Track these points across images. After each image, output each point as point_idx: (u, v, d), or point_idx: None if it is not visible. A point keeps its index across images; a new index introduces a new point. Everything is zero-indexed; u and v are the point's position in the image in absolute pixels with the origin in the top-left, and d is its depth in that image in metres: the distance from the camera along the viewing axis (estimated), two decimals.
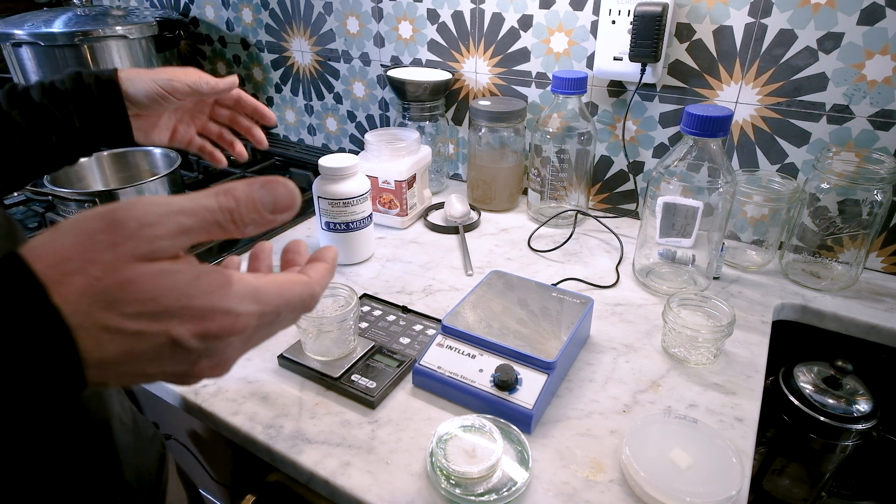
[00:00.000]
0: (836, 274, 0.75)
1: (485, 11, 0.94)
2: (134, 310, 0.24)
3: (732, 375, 0.60)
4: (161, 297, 0.25)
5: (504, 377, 0.53)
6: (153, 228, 0.25)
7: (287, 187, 0.28)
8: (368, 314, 0.68)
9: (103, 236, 0.24)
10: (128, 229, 0.24)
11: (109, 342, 0.24)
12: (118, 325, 0.24)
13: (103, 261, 0.24)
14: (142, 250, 0.24)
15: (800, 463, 0.68)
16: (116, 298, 0.24)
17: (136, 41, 1.14)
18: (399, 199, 0.89)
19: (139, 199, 0.25)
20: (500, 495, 0.46)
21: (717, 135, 0.64)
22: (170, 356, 0.26)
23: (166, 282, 0.25)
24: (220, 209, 0.26)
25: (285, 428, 0.54)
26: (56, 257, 0.24)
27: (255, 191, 0.27)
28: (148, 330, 0.25)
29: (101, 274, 0.24)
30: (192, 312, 0.25)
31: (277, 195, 0.28)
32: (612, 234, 0.88)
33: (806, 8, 0.71)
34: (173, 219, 0.25)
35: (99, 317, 0.24)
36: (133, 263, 0.24)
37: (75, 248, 0.24)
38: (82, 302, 0.24)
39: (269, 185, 0.27)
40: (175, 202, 0.25)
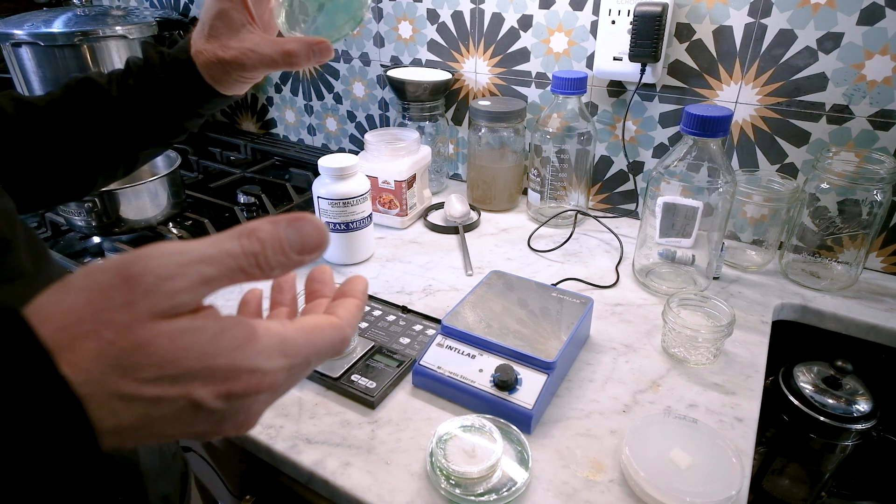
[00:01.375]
0: (835, 274, 0.75)
1: (485, 11, 0.94)
2: (152, 374, 0.22)
3: (732, 375, 0.60)
4: (181, 360, 0.23)
5: (504, 377, 0.53)
6: (173, 282, 0.22)
7: (315, 225, 0.26)
8: (368, 314, 0.68)
9: (117, 293, 0.22)
10: (144, 285, 0.22)
11: (125, 410, 0.22)
12: (134, 392, 0.22)
13: (118, 322, 0.22)
14: (160, 307, 0.22)
15: (800, 463, 0.68)
16: (132, 363, 0.22)
17: (136, 41, 1.13)
18: (399, 199, 0.89)
19: (156, 249, 0.23)
20: (500, 495, 0.46)
21: (717, 135, 0.64)
22: (190, 418, 0.24)
23: (186, 342, 0.23)
24: (245, 254, 0.24)
25: (285, 428, 0.54)
26: (66, 319, 0.21)
27: (281, 231, 0.25)
28: (167, 395, 0.23)
29: (115, 337, 0.22)
30: (214, 373, 0.23)
31: (305, 235, 0.25)
32: (612, 234, 0.88)
33: (806, 8, 0.71)
34: (194, 269, 0.23)
35: (113, 384, 0.22)
36: (150, 323, 0.22)
37: (87, 308, 0.22)
38: (95, 369, 0.22)
39: (295, 223, 0.25)
40: (195, 250, 0.23)
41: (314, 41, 0.44)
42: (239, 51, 0.45)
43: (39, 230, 0.97)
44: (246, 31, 0.45)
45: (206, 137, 1.31)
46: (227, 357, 0.24)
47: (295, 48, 0.44)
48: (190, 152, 1.19)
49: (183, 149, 1.14)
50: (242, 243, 0.24)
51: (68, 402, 0.21)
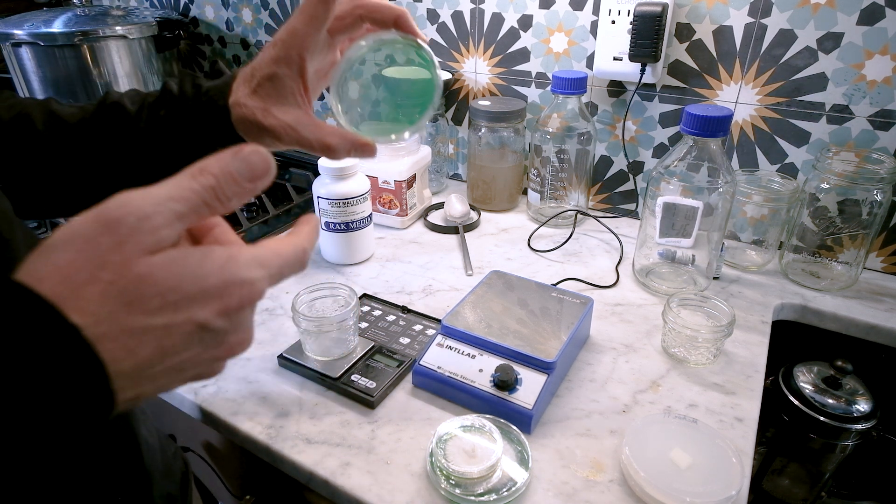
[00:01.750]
0: (835, 274, 0.75)
1: (485, 11, 0.94)
2: (156, 304, 0.24)
3: (732, 375, 0.60)
4: (178, 286, 0.24)
5: (504, 377, 0.53)
6: (151, 220, 0.24)
7: (259, 153, 0.27)
8: (368, 314, 0.68)
9: (105, 238, 0.23)
10: (127, 226, 0.23)
11: (139, 345, 0.24)
12: (144, 324, 0.24)
13: (112, 262, 0.23)
14: (147, 243, 0.24)
15: (800, 463, 0.68)
16: (136, 297, 0.23)
17: (136, 41, 1.14)
18: (399, 199, 0.89)
19: (126, 196, 0.24)
20: (500, 495, 0.46)
21: (717, 135, 0.64)
22: (199, 343, 0.26)
23: (178, 269, 0.24)
24: (203, 188, 0.26)
25: (285, 428, 0.54)
26: (62, 272, 0.22)
27: (229, 163, 0.27)
28: (174, 321, 0.24)
29: (113, 277, 0.23)
30: (209, 293, 0.25)
31: (252, 164, 0.27)
32: (612, 234, 0.88)
33: (806, 8, 0.71)
34: (166, 206, 0.25)
35: (123, 320, 0.23)
36: (142, 258, 0.24)
37: (79, 257, 0.23)
38: (102, 310, 0.23)
39: (240, 154, 0.27)
40: (161, 191, 0.25)
41: (358, 142, 0.41)
42: (279, 123, 0.42)
43: (39, 231, 0.97)
44: (293, 101, 0.42)
45: None
46: (216, 276, 0.25)
47: (335, 143, 0.41)
48: None
49: None
50: (199, 180, 0.26)
51: (84, 352, 0.22)
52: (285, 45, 0.41)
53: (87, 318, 0.22)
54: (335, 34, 0.42)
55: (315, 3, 0.39)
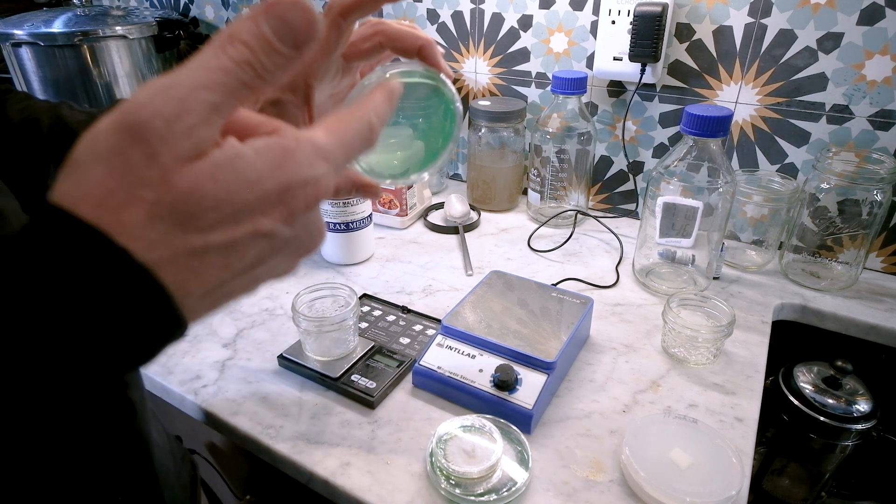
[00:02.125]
0: (835, 274, 0.75)
1: (485, 11, 0.94)
2: (211, 220, 0.21)
3: (732, 375, 0.60)
4: (233, 195, 0.21)
5: (504, 377, 0.53)
6: (182, 120, 0.20)
7: (298, 6, 0.22)
8: (368, 314, 0.68)
9: (134, 150, 0.19)
10: (156, 132, 0.20)
11: (204, 266, 0.21)
12: (203, 244, 0.21)
13: (151, 178, 0.19)
14: (184, 150, 0.20)
15: (800, 463, 0.68)
16: (187, 214, 0.20)
17: (136, 41, 1.14)
18: (399, 199, 0.89)
19: (144, 93, 0.20)
20: (500, 495, 0.46)
21: (717, 135, 0.64)
22: (269, 252, 0.23)
23: (229, 176, 0.21)
24: (237, 64, 0.21)
25: (285, 428, 0.54)
26: (96, 195, 0.19)
27: (262, 24, 0.21)
28: (236, 236, 0.21)
29: (156, 195, 0.20)
30: (270, 199, 0.22)
31: (291, 20, 0.22)
32: (612, 234, 0.88)
33: (806, 8, 0.71)
34: (195, 98, 0.20)
35: (179, 242, 0.20)
36: (183, 168, 0.20)
37: (111, 177, 0.19)
38: (153, 234, 0.20)
39: (273, 10, 0.22)
40: (187, 79, 0.20)
41: (360, 183, 0.38)
42: None
43: None
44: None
45: None
46: (273, 179, 0.22)
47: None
48: None
49: None
50: (229, 54, 0.21)
51: (140, 277, 0.19)
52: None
53: (138, 243, 0.19)
54: (352, 59, 0.38)
55: (326, 25, 0.35)
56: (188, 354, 0.64)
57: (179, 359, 0.63)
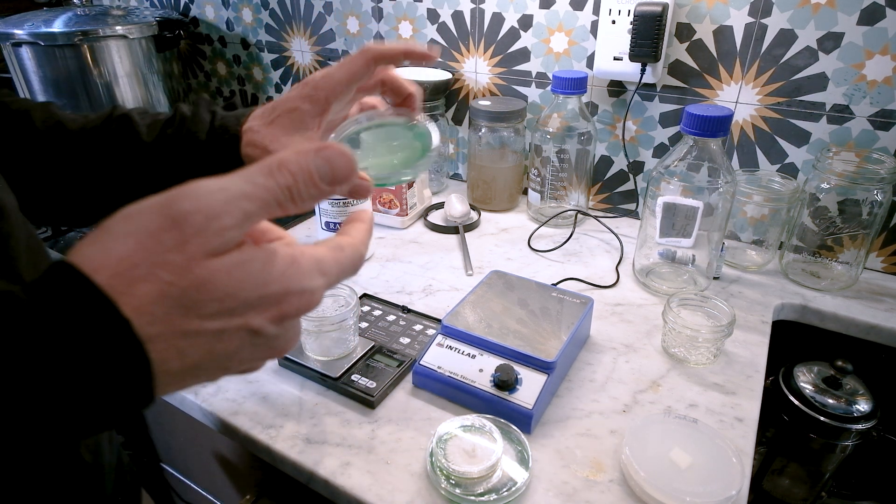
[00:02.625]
0: (836, 274, 0.75)
1: (485, 11, 0.94)
2: (213, 309, 0.23)
3: (732, 375, 0.60)
4: (238, 292, 0.23)
5: (504, 377, 0.53)
6: (220, 220, 0.23)
7: (345, 156, 0.26)
8: (368, 314, 0.68)
9: (168, 235, 0.22)
10: (194, 225, 0.22)
11: (190, 347, 0.23)
12: (197, 328, 0.23)
13: (173, 263, 0.22)
14: (212, 246, 0.23)
15: (800, 463, 0.68)
16: (194, 301, 0.23)
17: (136, 41, 1.14)
18: (399, 198, 0.89)
19: (197, 188, 0.23)
20: (500, 495, 0.46)
21: (717, 135, 0.64)
22: (249, 346, 0.25)
23: (241, 275, 0.24)
24: (280, 188, 0.24)
25: (285, 428, 0.54)
26: (119, 265, 0.21)
27: (310, 162, 0.25)
28: (228, 327, 0.24)
29: (173, 278, 0.22)
30: (268, 300, 0.24)
31: (335, 166, 0.26)
32: (612, 234, 0.88)
33: (806, 8, 0.71)
34: (237, 205, 0.23)
35: (177, 323, 0.22)
36: (205, 261, 0.23)
37: (139, 252, 0.22)
38: (157, 311, 0.22)
39: (323, 153, 0.25)
40: (234, 186, 0.23)
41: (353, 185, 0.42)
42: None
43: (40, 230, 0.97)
44: (306, 137, 0.43)
45: None
46: (277, 284, 0.25)
47: None
48: None
49: None
50: (276, 178, 0.24)
51: (132, 348, 0.21)
52: (317, 86, 0.42)
53: (140, 316, 0.22)
54: (359, 92, 0.45)
55: (360, 63, 0.41)
56: None
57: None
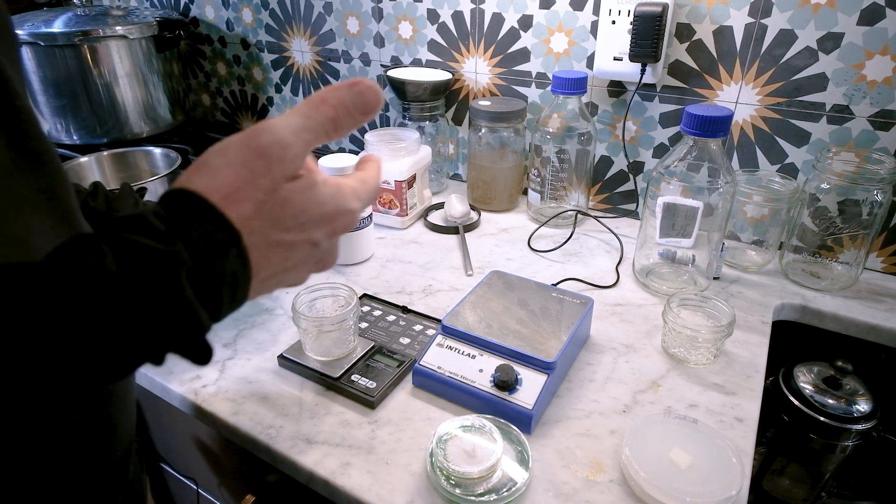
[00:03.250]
0: (836, 274, 0.75)
1: (485, 11, 0.94)
2: (290, 223, 0.30)
3: (732, 375, 0.60)
4: (308, 209, 0.30)
5: (504, 377, 0.53)
6: (292, 149, 0.29)
7: (372, 89, 0.31)
8: (368, 314, 0.68)
9: (257, 164, 0.28)
10: (275, 154, 0.28)
11: (273, 254, 0.29)
12: (279, 239, 0.29)
13: (264, 186, 0.28)
14: (288, 170, 0.29)
15: (800, 463, 0.68)
16: (279, 216, 0.29)
17: (136, 41, 1.14)
18: (399, 199, 0.89)
19: (269, 124, 0.29)
20: (500, 495, 0.46)
21: (717, 135, 0.64)
22: (308, 257, 0.32)
23: (309, 196, 0.30)
24: (326, 119, 0.30)
25: (285, 428, 0.54)
26: (226, 189, 0.27)
27: (345, 95, 0.31)
28: (299, 239, 0.30)
29: (265, 197, 0.28)
30: (326, 217, 0.31)
31: (366, 98, 0.31)
32: (612, 234, 0.88)
33: (806, 8, 0.71)
34: (301, 136, 0.29)
35: (267, 234, 0.29)
36: (286, 184, 0.29)
37: (238, 179, 0.28)
38: (254, 223, 0.28)
39: (355, 87, 0.31)
40: (295, 121, 0.29)
41: None
42: None
43: None
44: None
45: (206, 137, 1.32)
46: (331, 204, 0.31)
47: None
48: (190, 152, 1.19)
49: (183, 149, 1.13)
50: (322, 111, 0.30)
51: (240, 252, 0.28)
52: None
53: (244, 227, 0.28)
54: None
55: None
56: None
57: (180, 359, 0.63)
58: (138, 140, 1.20)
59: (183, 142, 1.24)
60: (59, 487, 0.37)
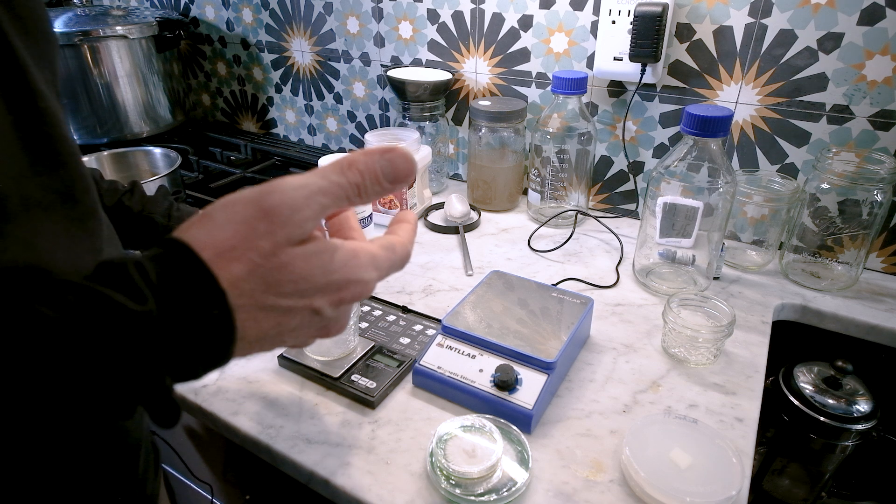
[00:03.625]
0: (836, 274, 0.75)
1: (485, 11, 0.94)
2: (289, 289, 0.28)
3: (732, 375, 0.60)
4: (310, 277, 0.28)
5: (504, 377, 0.53)
6: (302, 213, 0.27)
7: (406, 158, 0.30)
8: (368, 314, 0.68)
9: (260, 224, 0.27)
10: (281, 217, 0.27)
11: (265, 319, 0.28)
12: (273, 304, 0.28)
13: (262, 248, 0.27)
14: (295, 235, 0.27)
15: (800, 463, 0.68)
16: (275, 281, 0.27)
17: (136, 41, 1.14)
18: (399, 199, 0.89)
19: (282, 184, 0.27)
20: (500, 495, 0.46)
21: (717, 135, 0.64)
22: (308, 324, 0.30)
23: (315, 262, 0.28)
24: (350, 185, 0.29)
25: (285, 428, 0.54)
26: (221, 246, 0.26)
27: (376, 162, 0.29)
28: (297, 305, 0.28)
29: (261, 260, 0.27)
30: (332, 286, 0.29)
31: (397, 166, 0.30)
32: (612, 234, 0.87)
33: (806, 8, 0.71)
34: (315, 200, 0.28)
35: (259, 298, 0.27)
36: (289, 248, 0.27)
37: (236, 237, 0.26)
38: (245, 286, 0.27)
39: (387, 155, 0.30)
40: (313, 183, 0.28)
41: None
42: None
43: None
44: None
45: (206, 137, 1.32)
46: (340, 273, 0.29)
47: None
48: (190, 152, 1.19)
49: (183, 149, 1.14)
50: (347, 176, 0.29)
51: (223, 313, 0.26)
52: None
53: (233, 288, 0.26)
54: None
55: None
56: None
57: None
58: (138, 140, 1.20)
59: (183, 142, 1.24)
60: (54, 476, 0.37)
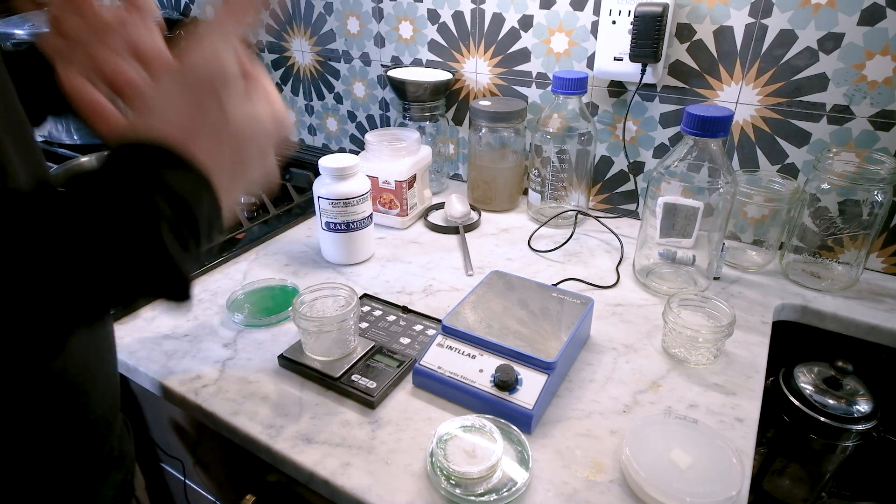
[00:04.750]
0: (836, 274, 0.75)
1: (485, 11, 0.94)
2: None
3: (732, 376, 0.60)
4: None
5: (504, 377, 0.53)
6: (233, 76, 0.35)
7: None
8: (368, 314, 0.68)
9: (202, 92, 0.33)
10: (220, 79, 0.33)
11: (214, 147, 0.33)
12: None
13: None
14: (233, 91, 0.35)
15: (800, 463, 0.68)
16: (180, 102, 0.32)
17: None
18: (399, 199, 0.89)
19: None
20: (500, 495, 0.46)
21: (718, 135, 0.64)
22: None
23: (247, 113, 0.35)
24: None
25: (285, 428, 0.54)
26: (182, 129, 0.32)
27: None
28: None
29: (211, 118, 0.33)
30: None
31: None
32: (612, 234, 0.87)
33: (806, 8, 0.71)
34: (234, 50, 0.35)
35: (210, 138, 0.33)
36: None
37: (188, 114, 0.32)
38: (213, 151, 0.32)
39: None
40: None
41: None
42: None
43: None
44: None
45: None
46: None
47: None
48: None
49: None
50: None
51: (210, 189, 0.32)
52: None
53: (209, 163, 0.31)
54: None
55: None
56: (188, 355, 0.64)
57: (179, 359, 0.63)
58: None
59: None
60: (20, 451, 0.39)
